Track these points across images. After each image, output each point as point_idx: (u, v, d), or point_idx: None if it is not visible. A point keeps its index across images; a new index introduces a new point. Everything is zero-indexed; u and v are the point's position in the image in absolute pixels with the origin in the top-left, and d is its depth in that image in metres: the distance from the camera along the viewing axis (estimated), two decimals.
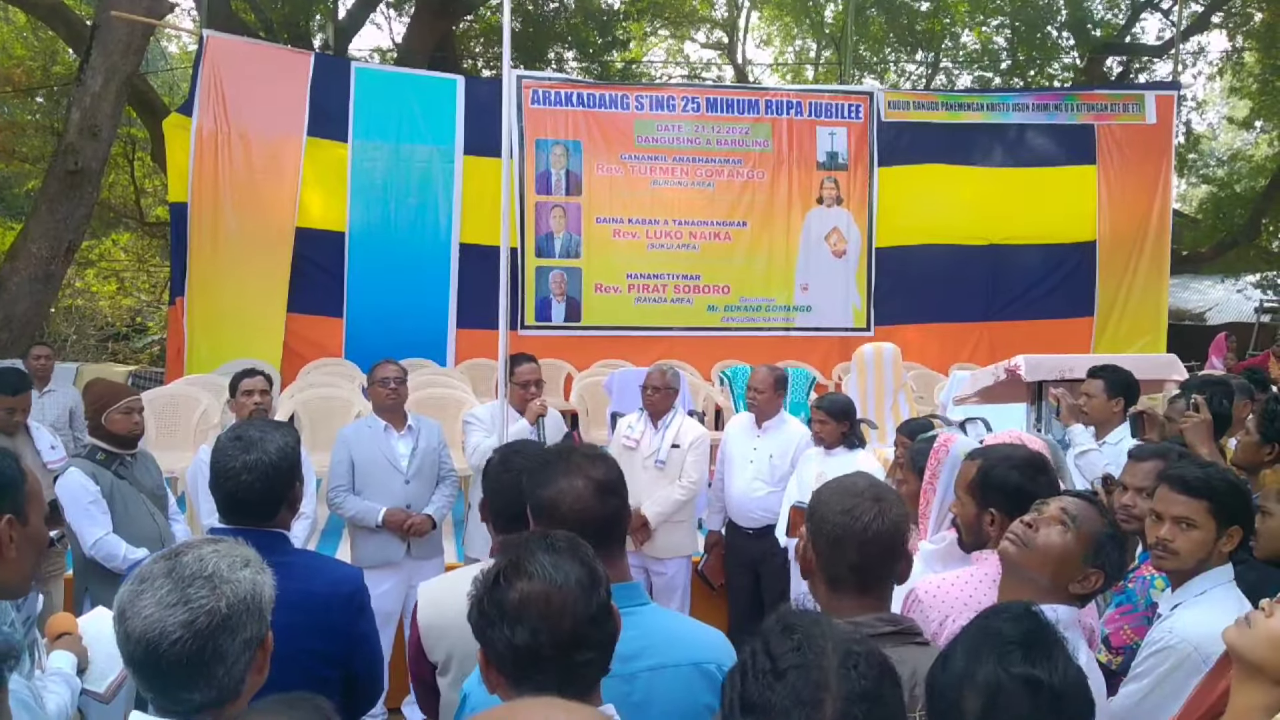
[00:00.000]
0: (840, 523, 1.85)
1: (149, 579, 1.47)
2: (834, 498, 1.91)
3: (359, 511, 4.61)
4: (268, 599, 1.54)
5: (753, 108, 11.11)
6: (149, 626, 1.42)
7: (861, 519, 1.85)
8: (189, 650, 1.42)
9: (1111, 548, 2.11)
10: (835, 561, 1.86)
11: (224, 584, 1.47)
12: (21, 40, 18.00)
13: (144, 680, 1.46)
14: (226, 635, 1.45)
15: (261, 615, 1.52)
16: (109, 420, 3.96)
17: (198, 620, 1.43)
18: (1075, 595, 2.10)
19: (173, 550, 1.53)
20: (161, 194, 18.49)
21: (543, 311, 10.64)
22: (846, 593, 1.86)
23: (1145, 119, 11.61)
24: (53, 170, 10.37)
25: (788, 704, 1.19)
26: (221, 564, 1.50)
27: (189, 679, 1.44)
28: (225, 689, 1.47)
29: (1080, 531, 2.09)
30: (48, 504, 2.11)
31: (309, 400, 7.08)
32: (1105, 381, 4.39)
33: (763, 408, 5.15)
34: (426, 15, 15.54)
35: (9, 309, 10.13)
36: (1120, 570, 2.23)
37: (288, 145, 9.76)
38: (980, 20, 19.18)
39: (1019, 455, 2.68)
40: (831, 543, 1.85)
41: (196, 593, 1.45)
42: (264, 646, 1.54)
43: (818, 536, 1.88)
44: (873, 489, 1.94)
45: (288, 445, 2.29)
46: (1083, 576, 2.08)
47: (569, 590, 1.47)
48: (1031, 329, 10.90)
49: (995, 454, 2.71)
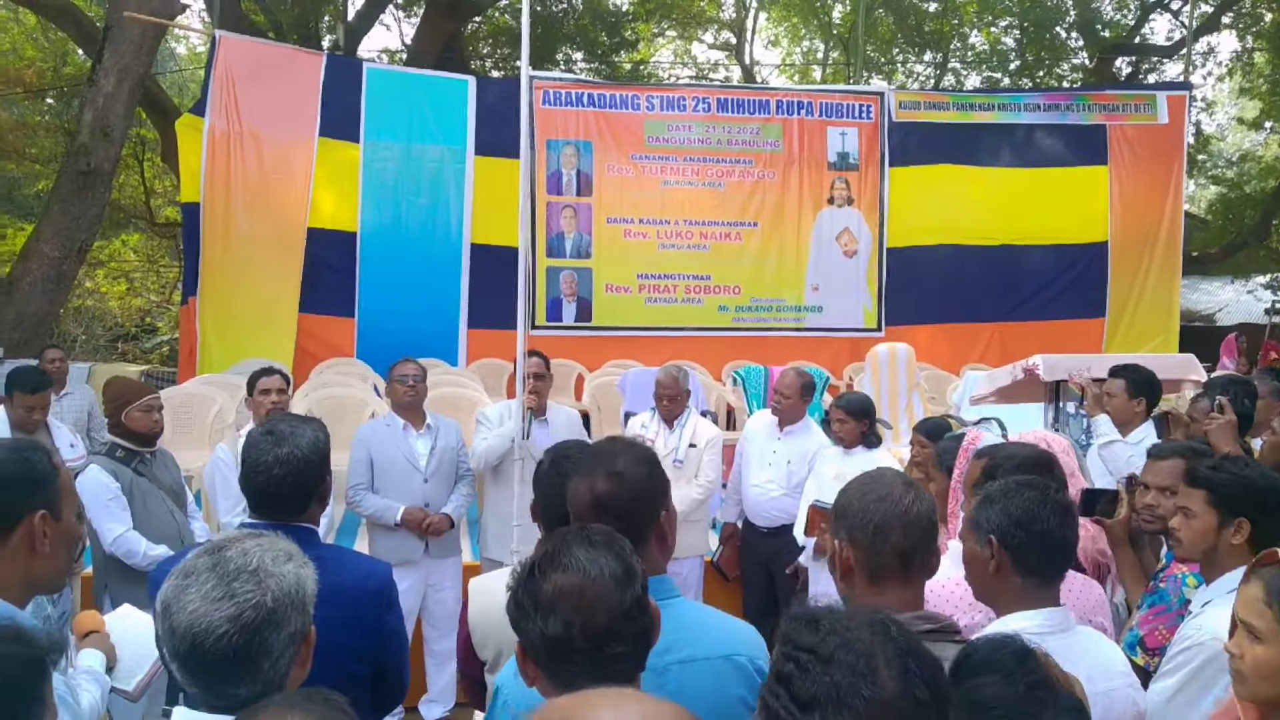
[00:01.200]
0: (881, 509, 1.85)
1: (194, 574, 1.46)
2: (866, 489, 1.91)
3: (377, 510, 4.61)
4: (310, 593, 1.54)
5: (763, 108, 11.10)
6: (195, 621, 1.42)
7: (902, 502, 1.86)
8: (235, 644, 1.42)
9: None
10: (879, 549, 1.84)
11: (269, 578, 1.47)
12: (32, 41, 18.06)
13: (189, 675, 1.45)
14: (272, 629, 1.45)
15: (305, 609, 1.52)
16: (129, 418, 3.96)
17: (244, 614, 1.43)
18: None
19: (215, 544, 1.53)
20: (171, 195, 18.55)
21: (553, 312, 10.65)
22: (890, 584, 1.85)
23: (1157, 119, 11.59)
24: (65, 171, 10.40)
25: (845, 680, 1.20)
26: (265, 558, 1.49)
27: (235, 673, 1.44)
28: (270, 683, 1.46)
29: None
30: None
31: (323, 399, 7.09)
32: (1127, 381, 4.37)
33: (787, 413, 5.13)
34: (435, 16, 15.57)
35: (21, 309, 10.16)
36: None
37: (299, 145, 9.77)
38: (989, 21, 19.17)
39: (1023, 453, 2.68)
40: (874, 531, 1.84)
41: (242, 587, 1.44)
42: (307, 640, 1.53)
43: (857, 529, 1.86)
44: (899, 477, 1.95)
45: (318, 440, 2.29)
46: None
47: (603, 583, 1.47)
48: (1043, 329, 10.87)
49: (1000, 452, 2.71)
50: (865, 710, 1.18)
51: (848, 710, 1.19)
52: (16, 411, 4.69)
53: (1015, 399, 5.56)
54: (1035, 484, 2.14)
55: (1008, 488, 2.12)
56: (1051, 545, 2.06)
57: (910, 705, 1.21)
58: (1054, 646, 1.64)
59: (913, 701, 1.21)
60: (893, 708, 1.20)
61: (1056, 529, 2.05)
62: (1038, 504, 2.06)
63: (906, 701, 1.20)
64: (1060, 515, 2.06)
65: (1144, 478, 3.11)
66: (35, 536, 1.79)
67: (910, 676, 1.22)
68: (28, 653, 1.34)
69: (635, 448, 2.03)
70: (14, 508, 1.78)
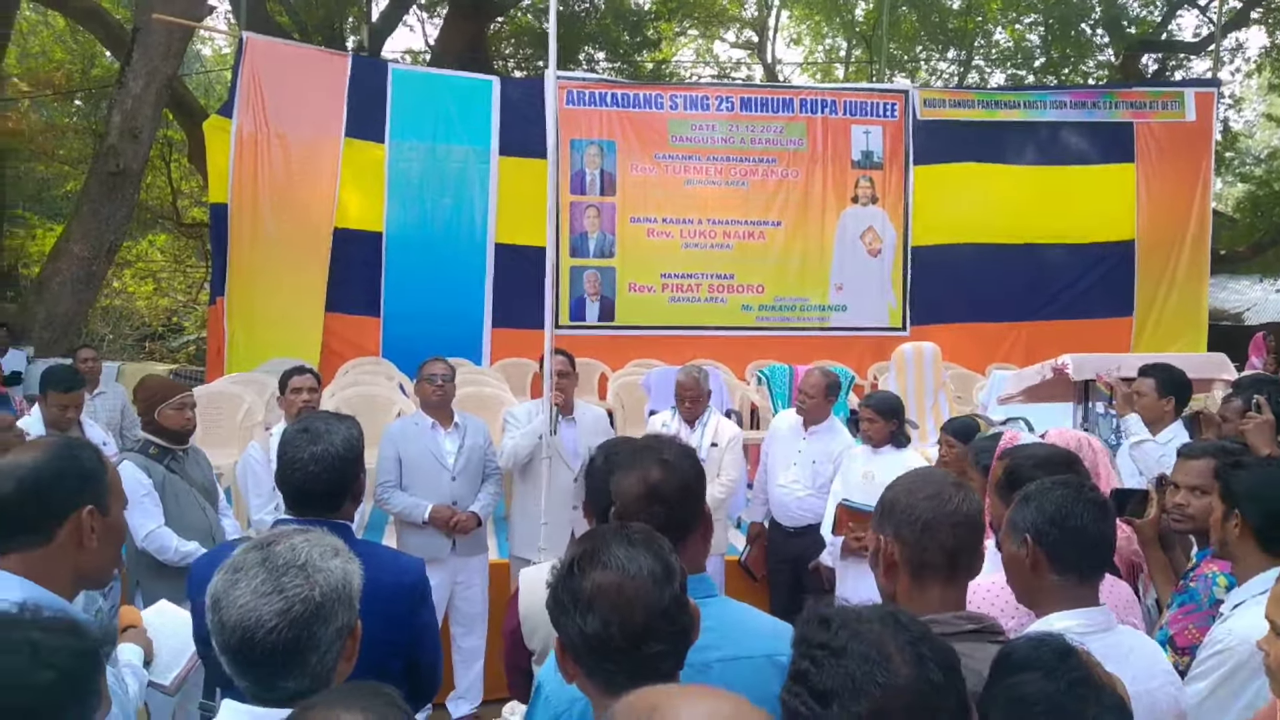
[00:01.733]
0: (930, 507, 1.85)
1: (243, 569, 1.49)
2: (915, 487, 1.90)
3: (406, 507, 4.64)
4: (356, 587, 1.55)
5: (787, 106, 11.08)
6: (245, 615, 1.44)
7: (951, 501, 1.86)
8: (284, 639, 1.44)
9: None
10: (926, 548, 1.84)
11: (317, 573, 1.49)
12: (61, 44, 18.27)
13: (238, 668, 1.47)
14: (320, 623, 1.47)
15: (351, 603, 1.53)
16: (162, 415, 4.00)
17: (293, 609, 1.45)
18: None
19: (264, 540, 1.55)
20: (197, 195, 18.73)
21: (577, 311, 10.67)
22: (932, 583, 1.85)
23: (1185, 116, 11.48)
24: (94, 172, 10.53)
25: (860, 670, 1.23)
26: (313, 553, 1.51)
27: (284, 667, 1.46)
28: (318, 677, 1.48)
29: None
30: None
31: (351, 398, 7.13)
32: (1157, 380, 4.34)
33: (811, 412, 5.12)
34: (459, 17, 15.65)
35: (51, 308, 10.29)
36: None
37: (326, 146, 9.84)
38: (1013, 18, 19.04)
39: (1042, 453, 2.67)
40: (922, 529, 1.84)
41: (291, 581, 1.46)
42: (353, 635, 1.55)
43: (904, 526, 1.86)
44: (949, 476, 1.95)
45: (352, 437, 2.31)
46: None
47: (641, 581, 1.47)
48: (1069, 329, 10.78)
49: (1020, 453, 2.70)
50: (882, 696, 1.22)
51: (865, 698, 1.22)
52: (51, 410, 4.75)
53: (1043, 399, 5.53)
54: (1069, 482, 2.13)
55: (1042, 486, 2.12)
56: (1087, 542, 2.05)
57: (926, 688, 1.24)
58: (1096, 646, 1.63)
59: (928, 685, 1.24)
60: (909, 691, 1.23)
61: (1091, 525, 2.04)
62: (1071, 500, 2.05)
63: (922, 685, 1.24)
64: (1094, 511, 2.05)
65: (1174, 477, 3.08)
66: (83, 531, 1.82)
67: (924, 662, 1.25)
68: (83, 645, 1.36)
69: (677, 442, 2.06)
70: (63, 503, 1.80)
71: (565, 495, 4.80)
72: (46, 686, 1.28)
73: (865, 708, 1.22)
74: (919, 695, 1.23)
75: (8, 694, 1.26)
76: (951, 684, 1.27)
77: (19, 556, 1.79)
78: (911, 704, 1.23)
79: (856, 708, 1.22)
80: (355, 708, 1.10)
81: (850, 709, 1.22)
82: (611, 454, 2.11)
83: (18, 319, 10.24)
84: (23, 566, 1.78)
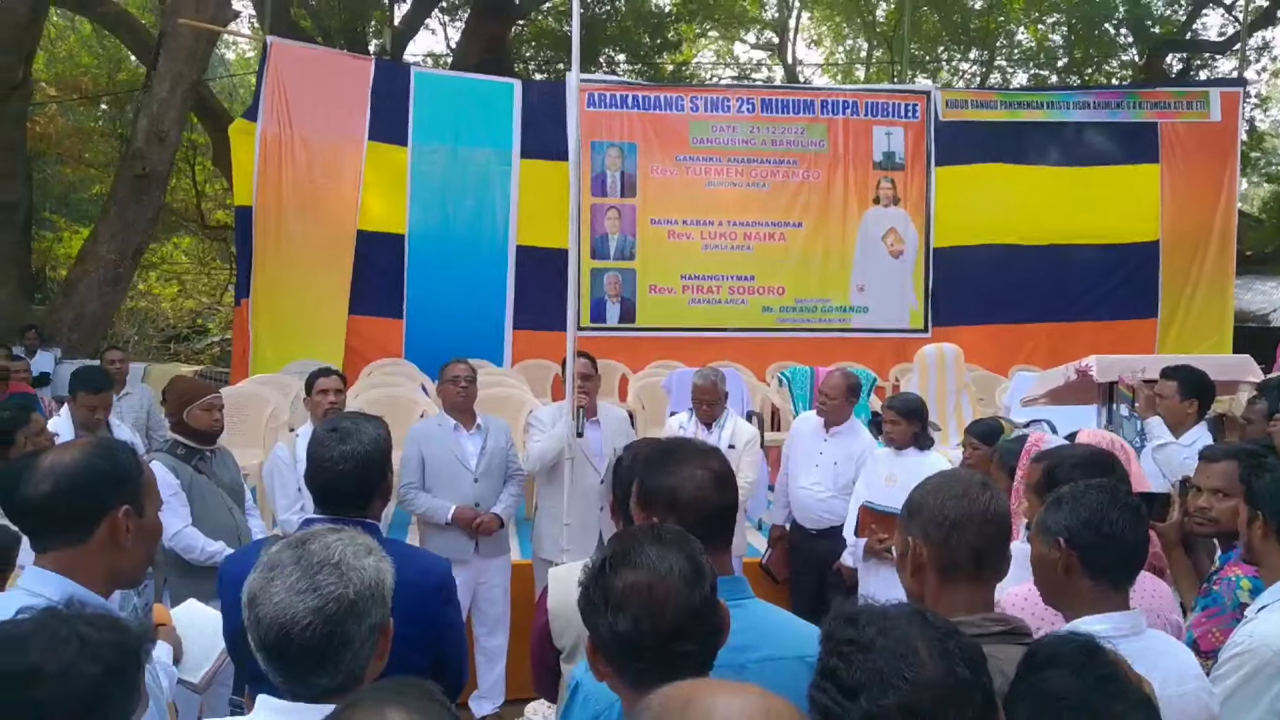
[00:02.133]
0: (958, 506, 1.86)
1: (278, 567, 1.51)
2: (943, 487, 1.91)
3: (429, 508, 4.67)
4: (389, 586, 1.58)
5: (808, 108, 11.08)
6: (280, 612, 1.47)
7: (979, 500, 1.87)
8: (319, 635, 1.46)
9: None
10: (954, 548, 1.85)
11: (351, 571, 1.51)
12: (88, 49, 18.47)
13: (274, 664, 1.50)
14: (354, 621, 1.49)
15: (384, 601, 1.56)
16: (190, 416, 4.04)
17: (327, 606, 1.47)
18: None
19: (299, 538, 1.57)
20: (221, 198, 18.89)
21: (598, 313, 10.70)
22: (962, 583, 1.85)
23: (1210, 116, 11.38)
24: (121, 175, 10.66)
25: (887, 665, 1.25)
26: (347, 552, 1.53)
27: (318, 664, 1.48)
28: (351, 674, 1.51)
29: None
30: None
31: (375, 399, 7.18)
32: (1180, 382, 4.32)
33: (832, 414, 5.11)
34: (480, 20, 15.72)
35: (79, 310, 10.42)
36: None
37: (349, 149, 9.92)
38: (1036, 17, 18.93)
39: (1082, 454, 2.65)
40: (950, 528, 1.85)
41: (325, 579, 1.49)
42: (386, 632, 1.57)
43: (932, 526, 1.87)
44: (976, 476, 1.96)
45: (380, 436, 2.34)
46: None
47: (672, 582, 1.49)
48: (1093, 330, 10.71)
49: (1059, 454, 2.69)
50: (909, 691, 1.23)
51: (892, 691, 1.23)
52: (80, 411, 4.81)
53: (1067, 401, 5.50)
54: (1105, 485, 2.12)
55: (1076, 490, 2.11)
56: (1122, 547, 2.04)
57: (953, 683, 1.25)
58: (1126, 650, 1.63)
59: (955, 680, 1.25)
60: (935, 687, 1.24)
61: (1126, 531, 2.03)
62: (1107, 505, 2.04)
63: (949, 680, 1.25)
64: (1130, 516, 2.04)
65: (1196, 480, 3.07)
66: (119, 531, 1.85)
67: (951, 658, 1.27)
68: (126, 640, 1.39)
69: (719, 450, 2.09)
70: (100, 503, 1.83)
71: (590, 497, 4.81)
72: (95, 679, 1.32)
73: (892, 701, 1.23)
74: (945, 691, 1.24)
75: (60, 685, 1.30)
76: (978, 681, 1.28)
77: (57, 555, 1.83)
78: (938, 699, 1.23)
79: (884, 701, 1.23)
80: (400, 703, 1.12)
81: (878, 702, 1.23)
82: (639, 454, 2.12)
83: (46, 321, 10.38)
84: (60, 565, 1.82)
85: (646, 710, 0.91)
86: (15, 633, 1.35)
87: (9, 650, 1.33)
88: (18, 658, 1.31)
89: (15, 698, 1.29)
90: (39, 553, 1.86)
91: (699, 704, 0.89)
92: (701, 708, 0.88)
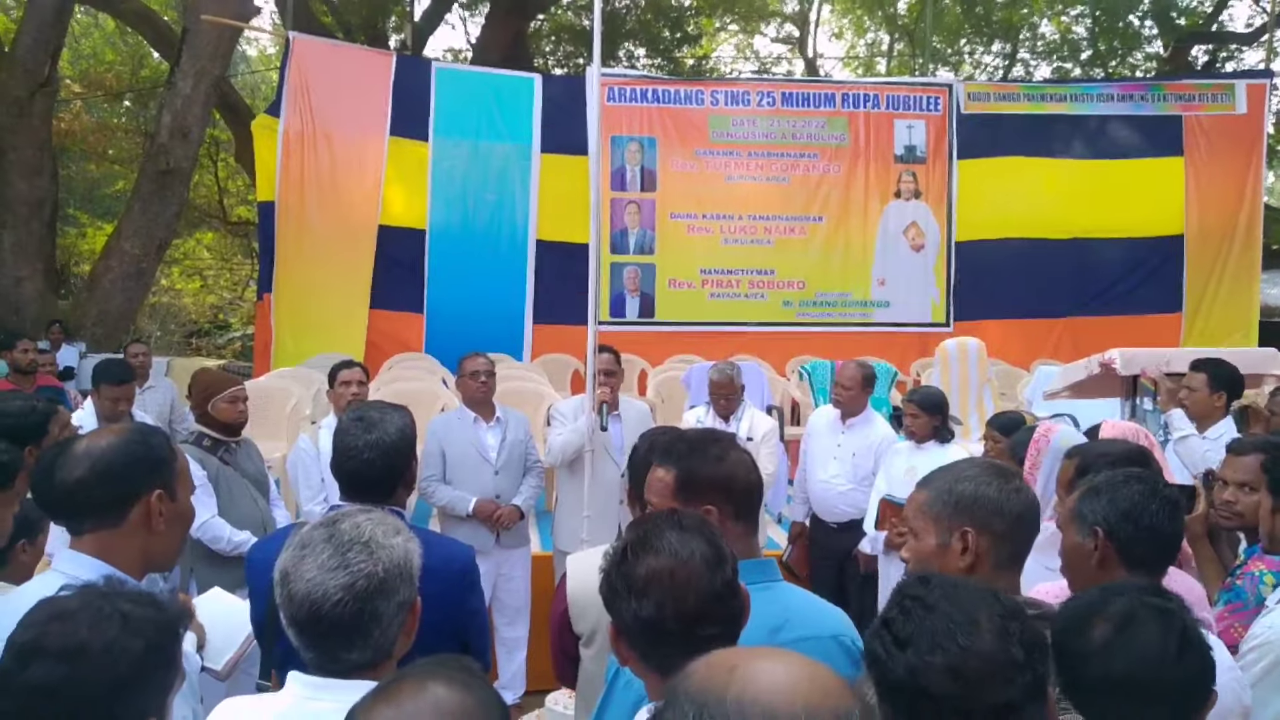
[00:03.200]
0: (1017, 500, 1.87)
1: (310, 545, 1.55)
2: (992, 481, 1.90)
3: (450, 501, 4.70)
4: (416, 565, 1.61)
5: (829, 101, 11.04)
6: (312, 589, 1.50)
7: (1024, 491, 1.89)
8: (349, 611, 1.50)
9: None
10: (1017, 539, 1.87)
11: (380, 549, 1.55)
12: (111, 46, 18.62)
13: (305, 640, 1.54)
14: (382, 598, 1.53)
15: (412, 580, 1.59)
16: (215, 408, 4.08)
17: (357, 583, 1.51)
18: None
19: (330, 518, 1.61)
20: (243, 194, 19.03)
21: (617, 307, 10.71)
22: (1005, 574, 1.87)
23: (1235, 109, 11.27)
24: (144, 171, 10.75)
25: (943, 626, 1.28)
26: (377, 531, 1.57)
27: (348, 639, 1.52)
28: (380, 649, 1.54)
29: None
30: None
31: (397, 392, 7.21)
32: (1208, 375, 4.28)
33: (849, 405, 5.12)
34: (500, 15, 15.76)
35: (103, 305, 10.52)
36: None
37: (371, 144, 9.97)
38: (1059, 10, 18.79)
39: (1117, 450, 2.64)
40: (1015, 520, 1.86)
41: (355, 557, 1.52)
42: (413, 611, 1.61)
43: (997, 519, 1.86)
44: (1005, 467, 1.97)
45: (405, 425, 2.37)
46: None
47: (694, 566, 1.50)
48: (1116, 325, 10.64)
49: (1092, 451, 2.67)
50: (958, 655, 1.26)
51: (941, 653, 1.27)
52: (104, 403, 4.85)
53: (1090, 394, 5.46)
54: (1144, 477, 2.10)
55: (1114, 479, 2.10)
56: (1160, 540, 2.03)
57: (1004, 660, 1.27)
58: None
59: (1007, 658, 1.27)
60: (985, 658, 1.26)
61: (1165, 524, 2.02)
62: (1147, 497, 2.03)
63: (1001, 656, 1.27)
64: (1168, 510, 2.03)
65: (1222, 473, 3.05)
66: (152, 515, 1.88)
67: (1009, 636, 1.28)
68: (164, 617, 1.45)
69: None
70: (134, 487, 1.87)
71: (610, 490, 4.82)
72: (138, 654, 1.38)
73: (939, 661, 1.26)
74: (996, 666, 1.26)
75: (105, 659, 1.36)
76: (1030, 664, 1.29)
77: (93, 538, 1.87)
78: (983, 671, 1.26)
79: (930, 658, 1.26)
80: (444, 678, 1.14)
81: (924, 657, 1.26)
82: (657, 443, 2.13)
83: (70, 315, 10.49)
84: (95, 548, 1.86)
85: (691, 677, 0.92)
86: (63, 610, 1.41)
87: (58, 626, 1.38)
88: (67, 634, 1.37)
89: (64, 672, 1.34)
90: (75, 535, 1.90)
91: (743, 669, 0.90)
92: (747, 673, 0.89)
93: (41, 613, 1.41)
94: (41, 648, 1.36)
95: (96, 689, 1.35)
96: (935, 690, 1.24)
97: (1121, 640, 1.52)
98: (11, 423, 3.20)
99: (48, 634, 1.37)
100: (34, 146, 10.38)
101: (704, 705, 0.87)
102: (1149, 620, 1.53)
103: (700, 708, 0.87)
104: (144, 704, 1.41)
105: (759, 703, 0.86)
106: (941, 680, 1.25)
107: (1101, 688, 1.53)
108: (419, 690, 1.13)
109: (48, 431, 3.42)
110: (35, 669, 1.34)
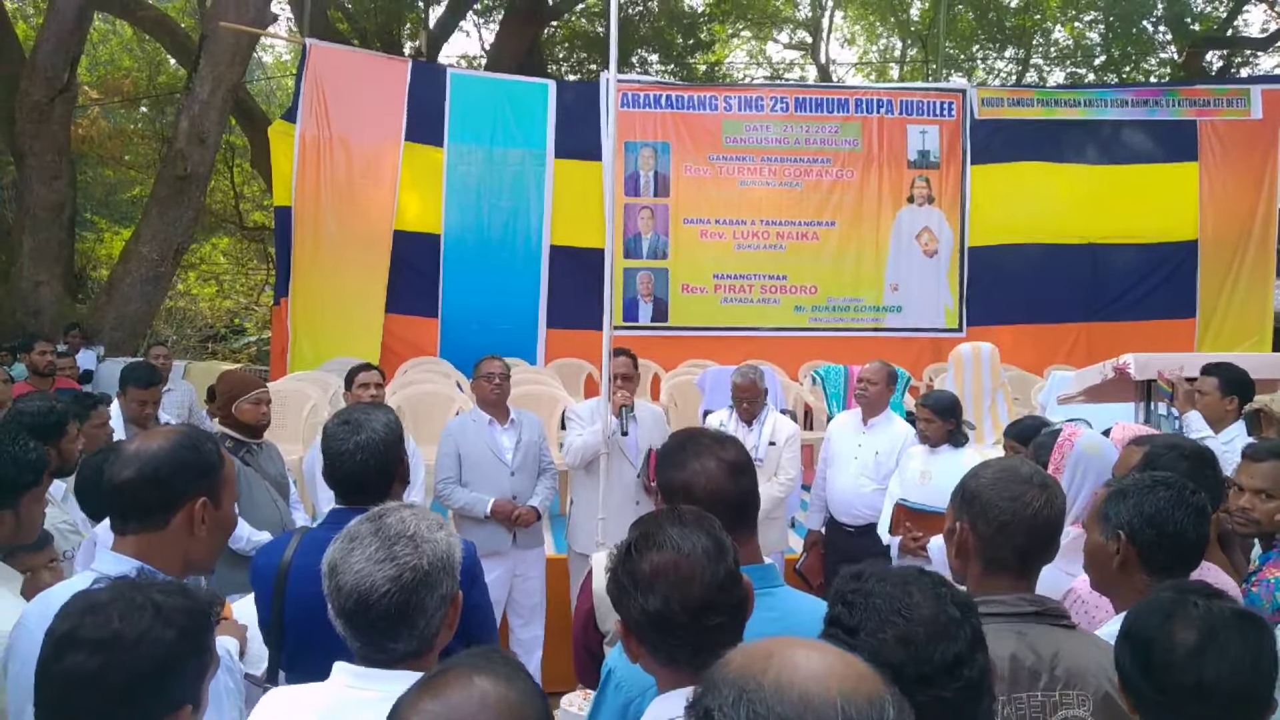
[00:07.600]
0: (1009, 509, 1.89)
1: (358, 538, 1.60)
2: (1000, 484, 1.93)
3: (468, 503, 4.73)
4: (457, 559, 1.66)
5: (842, 107, 11.07)
6: (360, 580, 1.55)
7: (1031, 505, 1.89)
8: (395, 603, 1.55)
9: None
10: (999, 545, 1.89)
11: (424, 543, 1.60)
12: (128, 52, 18.76)
13: (353, 630, 1.58)
14: (427, 590, 1.58)
15: (453, 573, 1.64)
16: (239, 410, 4.12)
17: (403, 575, 1.56)
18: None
19: (376, 513, 1.66)
20: (259, 199, 19.13)
21: (630, 312, 10.75)
22: (1003, 575, 1.89)
23: (1250, 114, 11.24)
24: (162, 176, 10.83)
25: (886, 605, 1.40)
26: (421, 525, 1.63)
27: (394, 630, 1.56)
28: (424, 640, 1.59)
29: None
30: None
31: (412, 396, 7.28)
32: (1220, 379, 4.29)
33: (873, 400, 5.11)
34: (515, 22, 15.82)
35: (121, 309, 10.59)
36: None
37: (386, 150, 10.04)
38: (1073, 15, 18.76)
39: (1188, 444, 2.64)
40: (998, 528, 1.89)
41: (401, 550, 1.58)
42: (454, 603, 1.65)
43: (981, 520, 1.91)
44: (1038, 475, 1.96)
45: (391, 422, 2.41)
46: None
47: (696, 558, 1.55)
48: (1131, 330, 10.62)
49: (1162, 441, 2.66)
50: (905, 626, 1.37)
51: (889, 626, 1.38)
52: (131, 406, 4.92)
53: (1104, 399, 5.46)
54: (1172, 482, 2.09)
55: (1142, 483, 2.10)
56: (1183, 547, 2.04)
57: (945, 620, 1.39)
58: None
59: (946, 617, 1.39)
60: (928, 623, 1.38)
61: (1190, 531, 2.02)
62: (1173, 504, 2.03)
63: (941, 617, 1.39)
64: (1195, 517, 2.03)
65: (1239, 479, 3.02)
66: (195, 520, 1.93)
67: (942, 600, 1.42)
68: (194, 605, 1.50)
69: (735, 438, 2.18)
70: (180, 492, 1.92)
71: (626, 491, 4.86)
72: (171, 642, 1.43)
73: (890, 635, 1.37)
74: (937, 627, 1.38)
75: (139, 649, 1.41)
76: (966, 620, 1.41)
77: (135, 539, 1.92)
78: (930, 634, 1.37)
79: (882, 634, 1.37)
80: (489, 671, 1.17)
81: (876, 635, 1.37)
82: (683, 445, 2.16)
83: (88, 320, 10.57)
84: (136, 549, 1.90)
85: (729, 664, 0.96)
86: (96, 601, 1.45)
87: (92, 618, 1.42)
88: (100, 625, 1.41)
89: (99, 662, 1.39)
90: (118, 535, 1.94)
91: (780, 656, 0.93)
92: (784, 660, 0.93)
93: (76, 605, 1.46)
94: (77, 639, 1.40)
95: (132, 678, 1.39)
96: (893, 660, 1.32)
97: (1214, 647, 1.55)
98: (30, 422, 3.26)
99: (82, 625, 1.41)
100: (53, 152, 10.47)
101: (743, 689, 0.91)
102: (1233, 627, 1.57)
103: (740, 692, 0.90)
104: (180, 692, 1.46)
105: (795, 686, 0.90)
106: (896, 651, 1.35)
107: (1188, 695, 1.56)
108: (464, 683, 1.16)
109: (66, 432, 3.47)
110: (71, 659, 1.39)
